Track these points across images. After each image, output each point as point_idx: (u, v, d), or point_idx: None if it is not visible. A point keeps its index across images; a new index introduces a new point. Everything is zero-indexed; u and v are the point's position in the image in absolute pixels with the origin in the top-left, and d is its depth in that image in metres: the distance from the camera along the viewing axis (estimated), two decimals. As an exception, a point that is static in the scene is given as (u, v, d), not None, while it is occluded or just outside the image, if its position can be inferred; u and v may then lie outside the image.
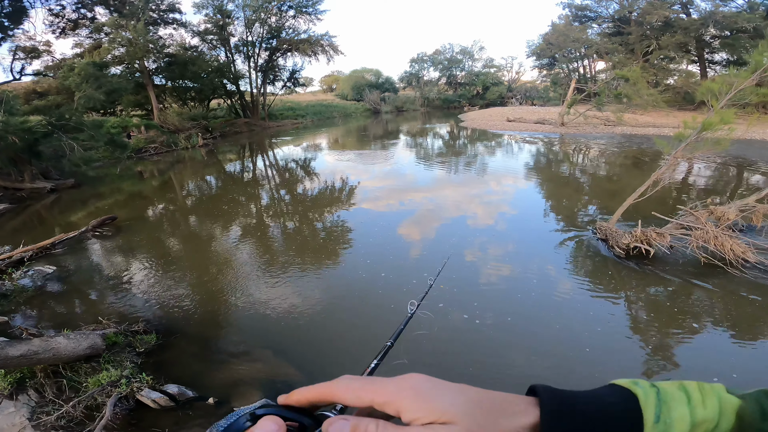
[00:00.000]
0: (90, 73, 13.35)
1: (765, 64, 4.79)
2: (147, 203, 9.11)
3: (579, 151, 14.09)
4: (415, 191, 8.52)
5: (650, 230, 4.70)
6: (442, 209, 7.23)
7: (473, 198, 7.92)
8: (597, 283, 4.35)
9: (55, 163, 11.22)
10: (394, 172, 10.79)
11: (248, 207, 8.39)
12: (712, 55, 25.78)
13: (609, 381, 0.33)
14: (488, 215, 6.84)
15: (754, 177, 9.28)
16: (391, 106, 39.28)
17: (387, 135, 21.19)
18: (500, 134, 18.92)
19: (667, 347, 3.27)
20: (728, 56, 24.09)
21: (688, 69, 26.83)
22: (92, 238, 6.56)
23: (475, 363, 3.15)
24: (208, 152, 16.89)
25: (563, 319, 3.66)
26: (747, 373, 2.91)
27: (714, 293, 4.02)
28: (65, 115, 11.94)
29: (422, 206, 7.44)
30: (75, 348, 3.09)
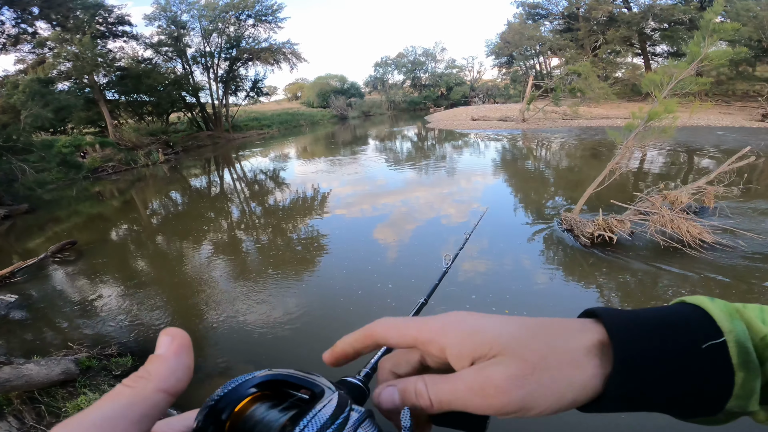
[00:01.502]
0: (35, 90, 12.67)
1: (701, 54, 5.16)
2: (108, 225, 8.74)
3: (541, 145, 14.62)
4: (388, 195, 8.59)
5: (611, 218, 4.94)
6: (415, 211, 7.33)
7: (445, 198, 8.07)
8: (569, 273, 4.55)
9: (7, 188, 10.60)
10: (366, 178, 10.83)
11: (218, 222, 8.20)
12: (654, 48, 27.49)
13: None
14: (461, 213, 6.99)
15: (703, 161, 9.94)
16: (357, 111, 39.32)
17: (356, 141, 21.22)
18: (466, 133, 19.34)
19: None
20: (668, 48, 25.79)
21: (634, 62, 28.53)
22: (53, 264, 6.25)
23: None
24: (171, 168, 16.33)
25: (541, 311, 3.81)
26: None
27: (678, 276, 4.24)
28: (12, 136, 11.30)
29: (395, 209, 7.51)
30: (48, 374, 3.06)
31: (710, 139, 12.71)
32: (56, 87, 16.33)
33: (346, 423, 0.29)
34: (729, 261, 4.36)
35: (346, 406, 0.31)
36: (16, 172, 10.90)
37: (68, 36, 16.92)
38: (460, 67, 45.73)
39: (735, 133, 13.63)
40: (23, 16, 17.58)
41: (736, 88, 19.95)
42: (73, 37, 16.77)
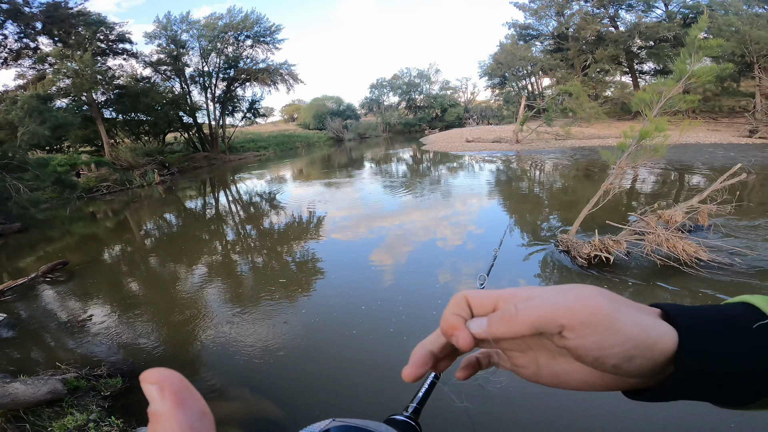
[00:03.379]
0: (34, 107, 12.67)
1: (688, 71, 5.27)
2: (101, 246, 8.64)
3: (535, 166, 14.80)
4: (383, 218, 8.58)
5: (607, 238, 4.96)
6: (411, 234, 7.32)
7: (441, 221, 8.08)
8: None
9: (0, 206, 10.48)
10: (362, 201, 10.83)
11: (212, 245, 8.12)
12: (641, 65, 28.43)
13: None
14: (457, 236, 6.99)
15: (694, 178, 10.11)
16: (353, 133, 39.79)
17: (352, 163, 21.35)
18: (461, 155, 19.57)
19: None
20: (655, 65, 26.68)
21: (622, 80, 29.35)
22: (43, 284, 6.15)
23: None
24: (166, 189, 16.28)
25: None
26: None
27: (676, 293, 4.26)
28: (8, 153, 11.25)
29: (391, 232, 7.49)
30: (34, 393, 3.01)
31: (700, 156, 12.95)
32: (54, 104, 16.34)
33: None
34: (726, 278, 4.38)
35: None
36: (10, 191, 10.79)
37: (69, 52, 17.09)
38: (454, 88, 46.73)
39: (724, 149, 13.92)
40: (26, 31, 17.79)
41: (723, 104, 20.48)
42: (73, 54, 16.94)
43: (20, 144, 11.87)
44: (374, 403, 2.92)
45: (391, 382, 3.03)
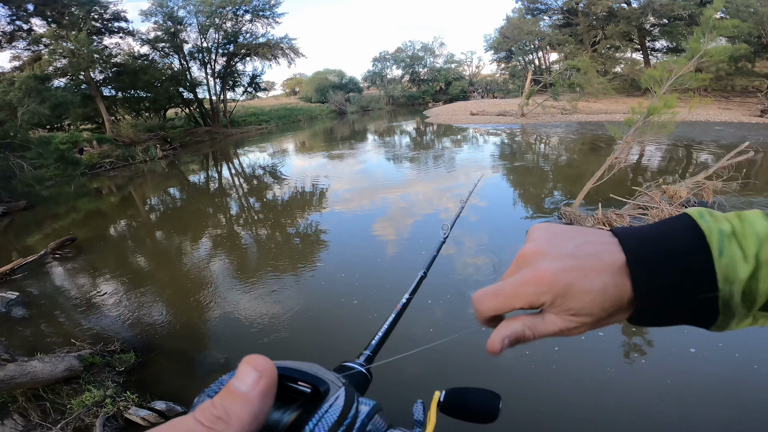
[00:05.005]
0: (31, 87, 12.57)
1: (701, 50, 5.16)
2: (107, 221, 8.72)
3: (540, 140, 14.61)
4: (386, 190, 8.57)
5: (610, 212, 4.97)
6: (414, 206, 7.33)
7: (444, 192, 8.08)
8: None
9: (5, 185, 10.56)
10: (364, 172, 10.83)
11: (217, 218, 8.20)
12: (654, 43, 27.40)
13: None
14: (458, 207, 6.97)
15: (702, 156, 9.95)
16: (356, 106, 39.17)
17: (354, 135, 21.15)
18: (465, 128, 19.30)
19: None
20: (668, 43, 25.71)
21: (633, 57, 28.41)
22: (53, 261, 6.24)
23: (457, 363, 3.25)
24: (169, 164, 16.28)
25: None
26: (709, 348, 3.14)
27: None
28: (9, 133, 11.25)
29: (394, 204, 7.51)
30: (52, 371, 3.05)
31: (709, 134, 12.71)
32: (52, 84, 16.20)
33: (355, 422, 0.29)
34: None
35: (354, 402, 0.30)
36: (13, 169, 10.83)
37: (63, 33, 16.77)
38: (458, 62, 45.55)
39: (733, 128, 13.62)
40: (18, 13, 17.42)
41: (735, 83, 19.90)
42: (68, 34, 16.62)
43: (21, 123, 11.84)
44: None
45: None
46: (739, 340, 3.05)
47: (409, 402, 0.36)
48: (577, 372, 2.91)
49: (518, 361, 3.05)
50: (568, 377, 2.87)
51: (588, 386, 2.80)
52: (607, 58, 27.14)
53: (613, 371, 2.91)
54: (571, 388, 2.79)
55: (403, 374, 2.95)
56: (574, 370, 2.93)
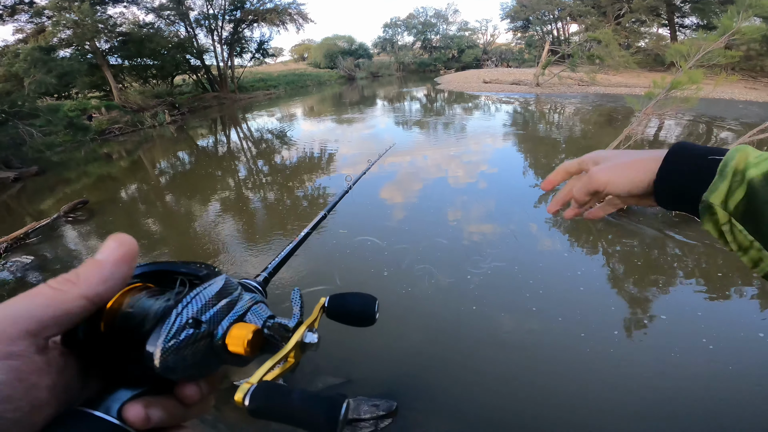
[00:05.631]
0: (37, 58, 12.51)
1: (734, 27, 4.96)
2: (118, 185, 8.80)
3: (554, 110, 14.19)
4: (395, 154, 8.51)
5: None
6: (422, 171, 7.27)
7: (453, 158, 7.96)
8: (576, 237, 4.53)
9: (15, 152, 10.65)
10: (373, 137, 10.74)
11: (225, 181, 8.23)
12: (683, 19, 25.97)
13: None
14: (468, 175, 6.92)
15: (722, 133, 9.59)
16: (365, 72, 38.27)
17: (363, 101, 20.77)
18: (477, 95, 18.81)
19: (641, 299, 3.46)
20: (698, 20, 24.29)
21: (659, 32, 27.00)
22: (65, 224, 6.35)
23: (464, 315, 3.30)
24: (178, 129, 16.22)
25: (543, 274, 3.83)
26: (719, 326, 3.12)
27: (685, 245, 4.21)
28: (17, 102, 11.27)
29: (402, 169, 7.47)
30: None
31: (731, 112, 12.19)
32: (58, 54, 16.02)
33: (236, 302, 0.30)
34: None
35: (236, 288, 0.31)
36: (23, 136, 10.92)
37: (66, 4, 16.43)
38: (473, 29, 44.00)
39: (758, 107, 13.03)
40: (19, -14, 17.01)
41: (765, 64, 19.00)
42: (71, 5, 16.28)
43: (28, 93, 11.84)
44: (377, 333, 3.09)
45: (395, 319, 3.23)
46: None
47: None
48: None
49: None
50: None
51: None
52: (631, 32, 25.81)
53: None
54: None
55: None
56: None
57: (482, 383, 2.68)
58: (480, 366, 2.81)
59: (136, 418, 0.24)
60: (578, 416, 2.41)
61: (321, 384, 2.78)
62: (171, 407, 0.27)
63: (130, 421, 0.23)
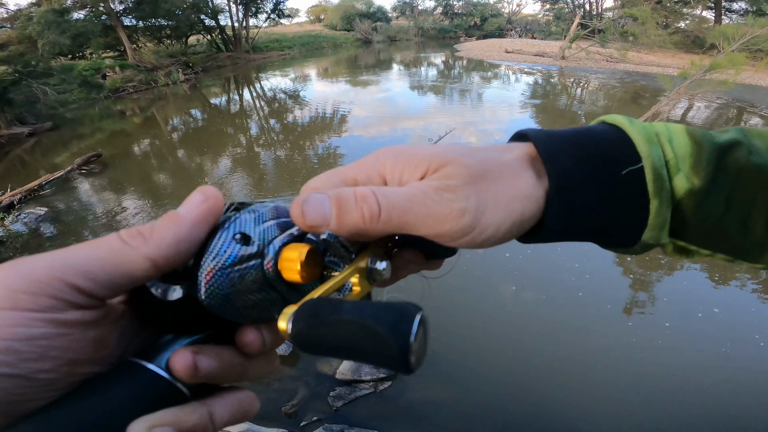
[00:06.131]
0: (50, 20, 12.47)
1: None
2: (131, 140, 8.87)
3: (578, 83, 13.64)
4: (408, 119, 8.41)
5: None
6: (434, 135, 7.18)
7: (467, 126, 7.80)
8: None
9: (29, 109, 10.76)
10: (387, 100, 10.57)
11: (237, 138, 8.30)
12: (731, 4, 24.33)
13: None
14: (481, 143, 6.80)
15: (753, 119, 9.12)
16: (383, 35, 37.13)
17: (379, 64, 20.33)
18: (497, 65, 18.17)
19: (647, 282, 3.43)
20: (747, 6, 22.71)
21: (702, 14, 25.36)
22: (79, 177, 6.42)
23: (467, 294, 3.29)
24: (191, 87, 16.21)
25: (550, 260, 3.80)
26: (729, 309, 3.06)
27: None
28: (31, 62, 11.31)
29: (414, 133, 7.39)
30: None
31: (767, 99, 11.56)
32: (72, 16, 15.77)
33: (291, 224, 0.24)
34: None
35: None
36: (37, 94, 11.03)
37: None
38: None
39: None
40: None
41: None
42: None
43: (42, 53, 11.87)
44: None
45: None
46: None
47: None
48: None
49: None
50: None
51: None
52: (672, 11, 24.26)
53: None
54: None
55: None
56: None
57: (495, 355, 2.68)
58: (490, 340, 2.83)
59: (181, 366, 0.20)
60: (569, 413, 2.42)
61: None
62: (227, 358, 0.22)
63: (175, 370, 0.20)
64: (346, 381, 2.64)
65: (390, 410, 2.44)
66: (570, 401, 2.43)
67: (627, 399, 2.43)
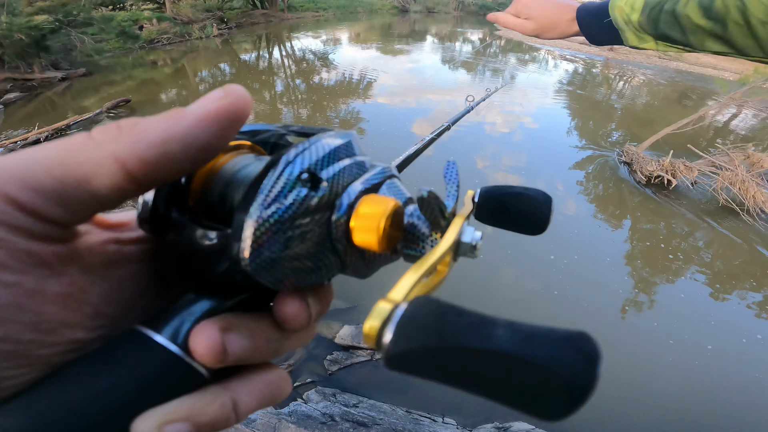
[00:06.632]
0: None
1: None
2: (160, 88, 9.03)
3: (621, 76, 12.96)
4: (434, 92, 8.27)
5: (680, 162, 4.56)
6: (459, 111, 7.04)
7: (494, 106, 7.58)
8: (605, 206, 4.37)
9: (65, 56, 10.96)
10: (416, 71, 10.38)
11: (261, 93, 8.32)
12: None
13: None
14: (507, 124, 6.65)
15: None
16: (421, 6, 35.82)
17: (413, 34, 19.84)
18: (537, 48, 17.42)
19: (650, 283, 3.33)
20: None
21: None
22: (106, 120, 6.57)
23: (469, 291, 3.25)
24: (223, 42, 16.27)
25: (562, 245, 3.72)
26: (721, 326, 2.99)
27: (721, 235, 4.00)
28: (73, 12, 11.41)
29: (439, 106, 7.26)
30: None
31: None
32: None
33: (367, 168, 0.20)
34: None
35: (365, 154, 0.21)
36: (75, 42, 11.19)
37: None
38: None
39: None
40: None
41: None
42: None
43: (84, 4, 11.94)
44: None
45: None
46: None
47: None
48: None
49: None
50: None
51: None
52: None
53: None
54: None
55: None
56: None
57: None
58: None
59: (205, 347, 0.15)
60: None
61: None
62: (262, 334, 0.17)
63: (196, 352, 0.15)
64: (344, 346, 2.70)
65: (382, 379, 2.49)
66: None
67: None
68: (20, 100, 8.48)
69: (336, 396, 2.31)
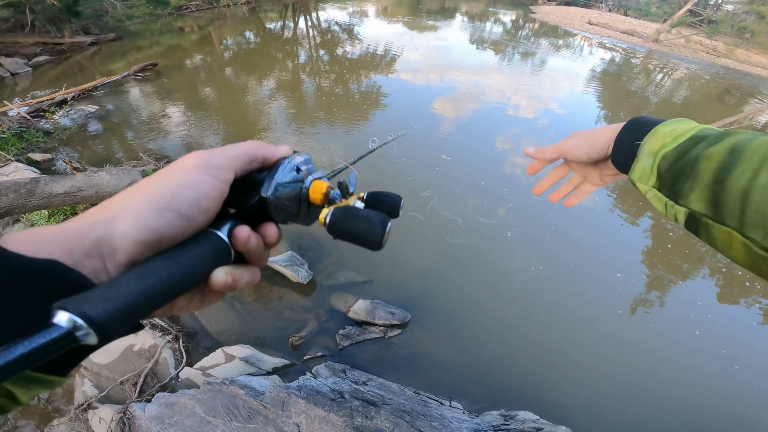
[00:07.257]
0: None
1: None
2: (186, 54, 9.03)
3: (662, 69, 12.30)
4: (459, 71, 8.05)
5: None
6: (483, 93, 6.87)
7: (520, 90, 7.33)
8: (622, 200, 4.28)
9: (95, 21, 11.08)
10: (442, 49, 10.15)
11: (285, 63, 8.31)
12: None
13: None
14: (531, 110, 6.42)
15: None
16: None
17: (442, 12, 19.18)
18: (573, 33, 16.64)
19: (662, 279, 3.28)
20: None
21: None
22: (133, 82, 6.61)
23: (481, 271, 3.21)
24: (250, 10, 16.15)
25: (577, 229, 3.61)
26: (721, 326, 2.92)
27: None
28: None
29: (463, 86, 7.10)
30: (117, 185, 3.11)
31: None
32: None
33: (315, 170, 0.39)
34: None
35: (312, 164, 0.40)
36: (106, 8, 11.32)
37: None
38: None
39: None
40: None
41: None
42: None
43: None
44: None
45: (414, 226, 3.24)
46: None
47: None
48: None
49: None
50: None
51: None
52: None
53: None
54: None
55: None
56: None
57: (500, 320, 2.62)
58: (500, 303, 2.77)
59: (242, 237, 0.31)
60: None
61: (343, 278, 2.85)
62: (259, 242, 0.33)
63: (236, 238, 0.31)
64: (357, 321, 2.66)
65: (393, 358, 2.45)
66: (568, 387, 2.40)
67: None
68: (49, 63, 8.60)
69: (346, 372, 2.28)
